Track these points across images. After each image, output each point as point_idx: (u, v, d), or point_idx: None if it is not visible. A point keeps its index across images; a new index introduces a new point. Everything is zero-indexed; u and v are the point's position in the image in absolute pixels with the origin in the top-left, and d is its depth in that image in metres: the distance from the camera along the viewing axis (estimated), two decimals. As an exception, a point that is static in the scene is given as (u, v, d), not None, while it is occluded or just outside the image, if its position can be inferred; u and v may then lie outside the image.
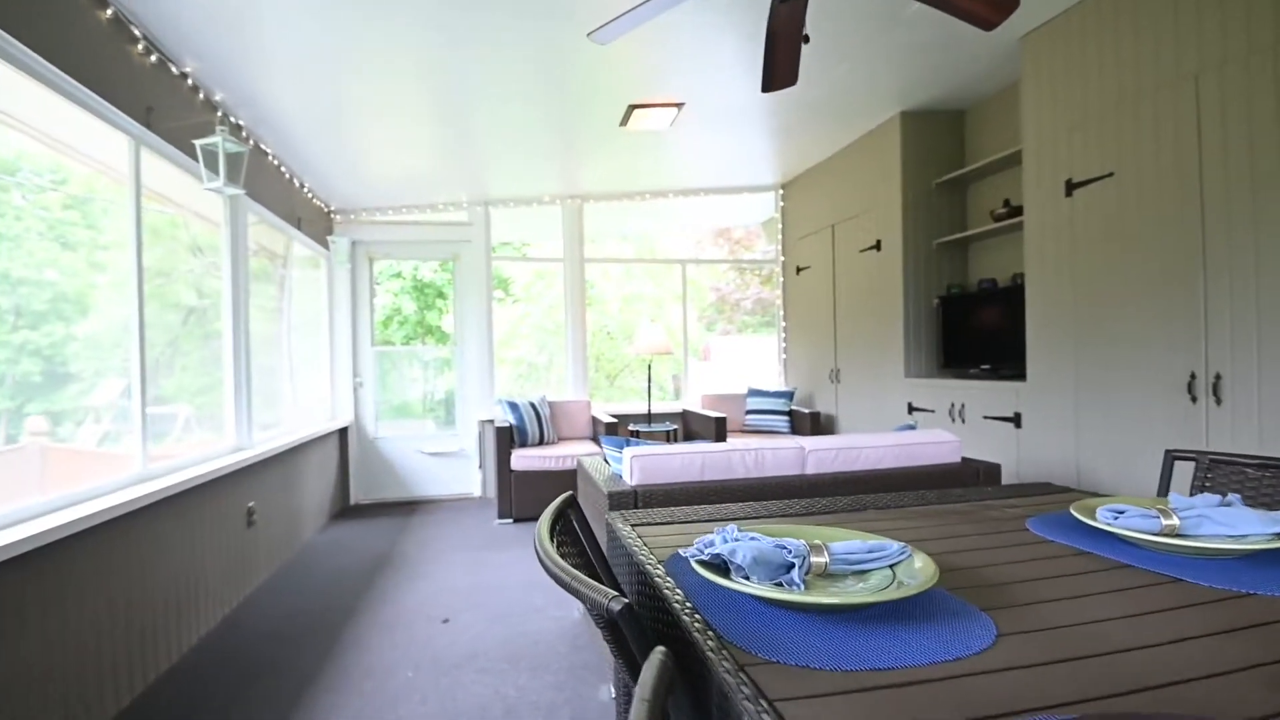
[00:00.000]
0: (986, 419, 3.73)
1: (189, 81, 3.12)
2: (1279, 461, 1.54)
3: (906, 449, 2.75)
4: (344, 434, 5.48)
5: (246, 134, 3.80)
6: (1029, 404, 3.45)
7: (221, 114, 3.44)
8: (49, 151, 2.43)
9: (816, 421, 5.36)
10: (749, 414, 5.69)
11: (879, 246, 4.68)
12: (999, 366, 3.89)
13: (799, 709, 0.71)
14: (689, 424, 5.78)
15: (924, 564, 1.01)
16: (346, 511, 5.30)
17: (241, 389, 3.56)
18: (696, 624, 0.88)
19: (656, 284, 8.73)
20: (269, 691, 2.38)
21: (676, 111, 4.05)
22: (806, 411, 5.40)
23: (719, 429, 5.06)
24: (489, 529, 4.60)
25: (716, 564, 1.00)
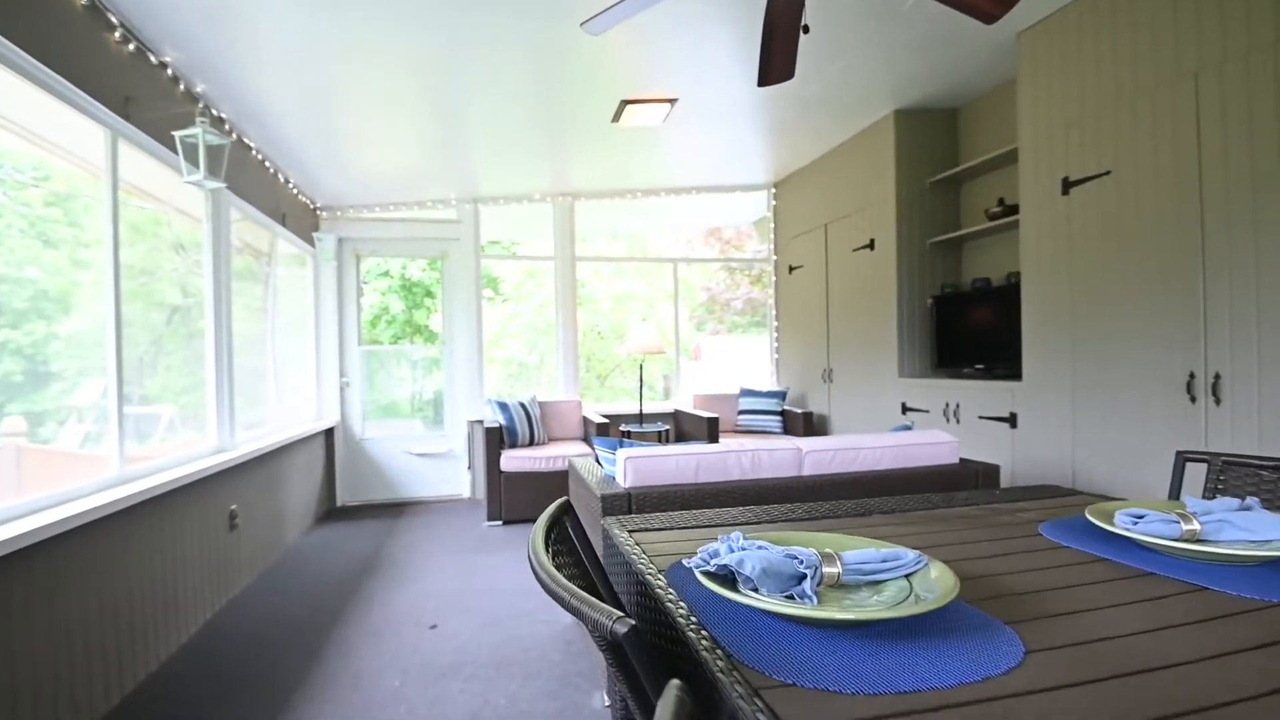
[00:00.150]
0: (982, 419, 3.71)
1: (169, 72, 3.03)
2: (1291, 464, 1.51)
3: (904, 450, 2.71)
4: (330, 434, 5.38)
5: (229, 127, 3.70)
6: (1024, 404, 3.42)
7: (203, 106, 3.35)
8: (30, 147, 2.36)
9: (809, 422, 5.32)
10: (741, 414, 5.65)
11: (872, 245, 4.65)
12: (993, 366, 3.86)
13: (821, 739, 0.65)
14: (681, 424, 5.72)
15: (941, 574, 0.95)
16: (333, 513, 5.20)
17: (224, 389, 3.47)
18: (704, 641, 0.82)
19: (648, 283, 8.67)
20: (251, 701, 2.31)
21: (669, 107, 4.00)
22: (799, 412, 5.36)
23: (711, 429, 5.02)
24: (478, 531, 4.52)
25: (723, 575, 0.94)
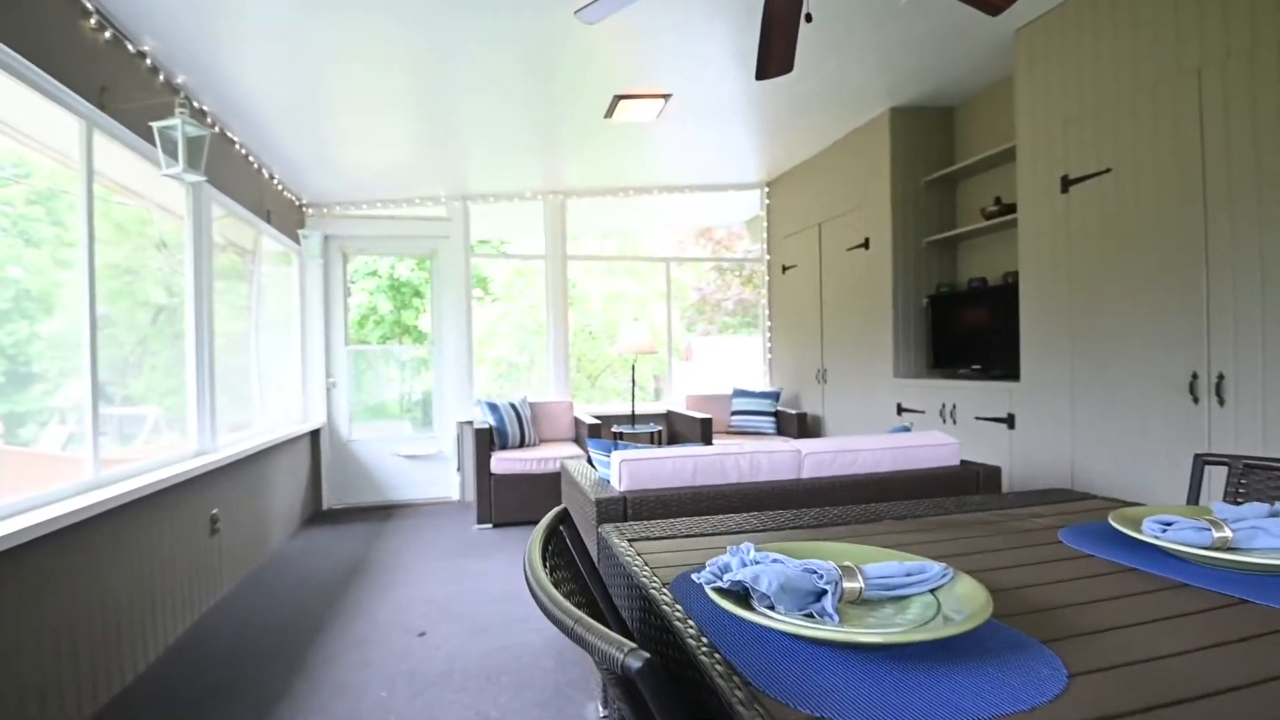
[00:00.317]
0: (979, 420, 3.67)
1: (147, 62, 2.93)
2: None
3: (904, 452, 2.66)
4: (316, 436, 5.27)
5: (212, 120, 3.60)
6: (1022, 404, 3.38)
7: (184, 97, 3.25)
8: (12, 144, 2.28)
9: (803, 422, 5.27)
10: (734, 415, 5.59)
11: (867, 245, 4.60)
12: (990, 366, 3.82)
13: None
14: (673, 425, 5.66)
15: (971, 589, 0.88)
16: (318, 517, 5.09)
17: (205, 389, 3.37)
18: (719, 667, 0.75)
19: (639, 283, 8.60)
20: (232, 712, 2.22)
21: (663, 103, 3.93)
22: (793, 412, 5.31)
23: (705, 430, 4.95)
24: (468, 534, 4.43)
25: (736, 592, 0.87)
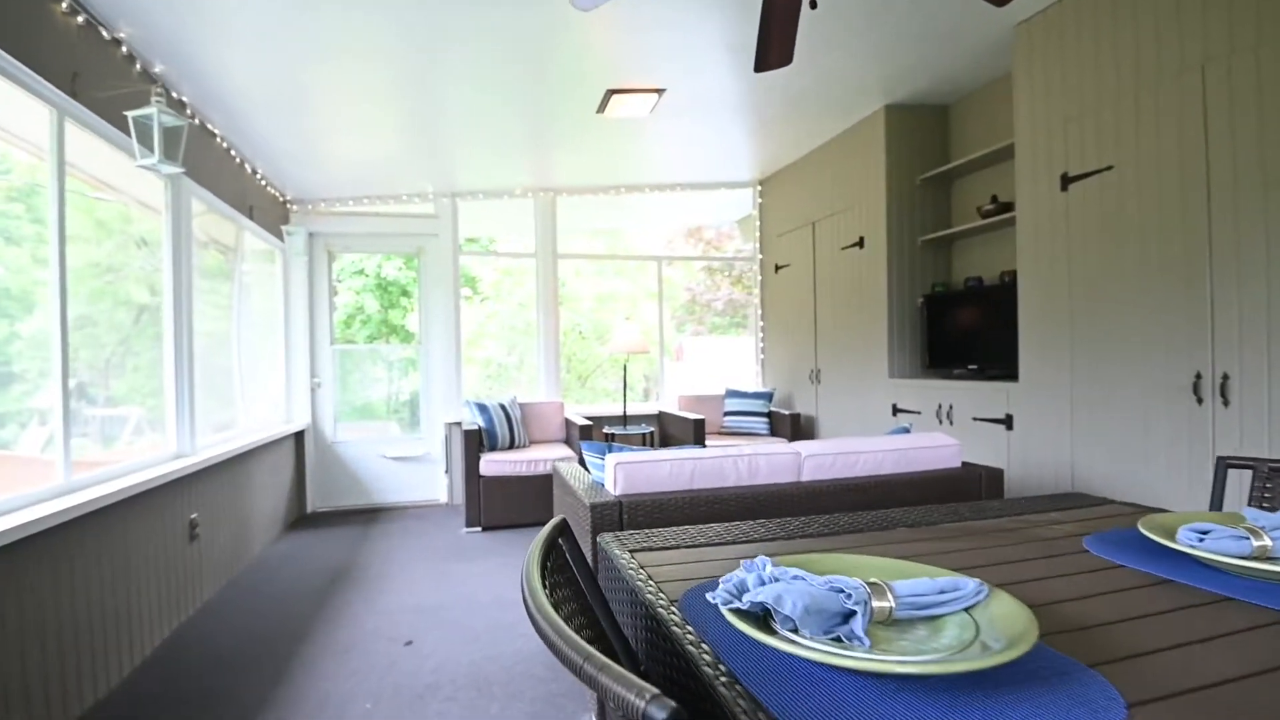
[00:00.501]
0: (976, 420, 3.62)
1: (123, 49, 2.82)
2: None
3: (905, 454, 2.60)
4: (300, 437, 5.15)
5: (192, 112, 3.48)
6: (1021, 405, 3.34)
7: (162, 88, 3.13)
8: None
9: (797, 423, 5.22)
10: (727, 415, 5.53)
11: (862, 244, 4.55)
12: (987, 367, 3.78)
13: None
14: (665, 426, 5.59)
15: (1010, 609, 0.80)
16: (302, 520, 4.97)
17: (184, 390, 3.25)
18: (741, 702, 0.68)
19: (631, 282, 8.52)
20: (207, 731, 2.12)
21: (657, 98, 3.86)
22: (786, 413, 5.25)
23: (698, 431, 4.89)
24: (456, 538, 4.34)
25: (755, 613, 0.80)
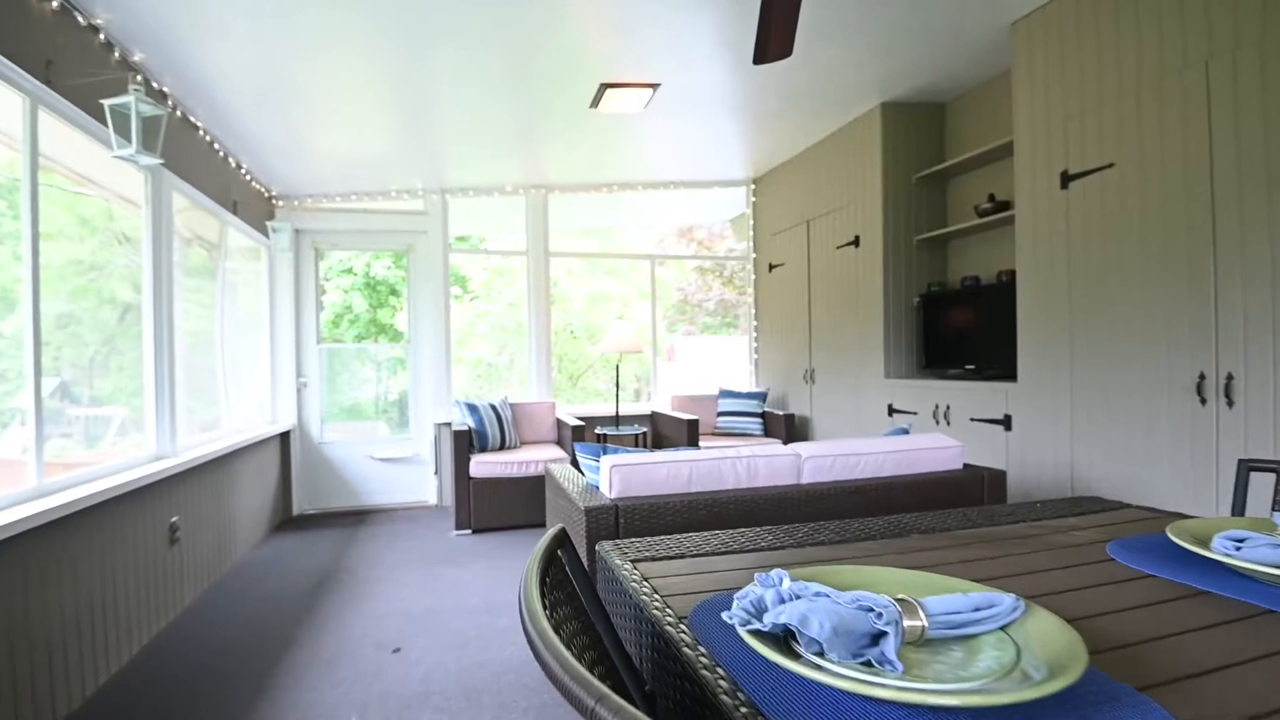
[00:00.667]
0: (974, 421, 3.58)
1: (101, 36, 2.72)
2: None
3: (906, 455, 2.55)
4: (286, 438, 5.04)
5: (174, 103, 3.38)
6: (1020, 405, 3.30)
7: (142, 78, 3.04)
8: None
9: (791, 423, 5.17)
10: (721, 416, 5.47)
11: (857, 243, 4.51)
12: (984, 367, 3.75)
13: None
14: (658, 426, 5.52)
15: (1051, 627, 0.74)
16: (288, 523, 4.87)
17: (164, 389, 3.15)
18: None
19: (622, 281, 8.46)
20: (185, 744, 2.04)
21: (651, 93, 3.80)
22: (780, 413, 5.20)
23: (691, 431, 4.83)
24: (445, 541, 4.25)
25: (775, 633, 0.74)
